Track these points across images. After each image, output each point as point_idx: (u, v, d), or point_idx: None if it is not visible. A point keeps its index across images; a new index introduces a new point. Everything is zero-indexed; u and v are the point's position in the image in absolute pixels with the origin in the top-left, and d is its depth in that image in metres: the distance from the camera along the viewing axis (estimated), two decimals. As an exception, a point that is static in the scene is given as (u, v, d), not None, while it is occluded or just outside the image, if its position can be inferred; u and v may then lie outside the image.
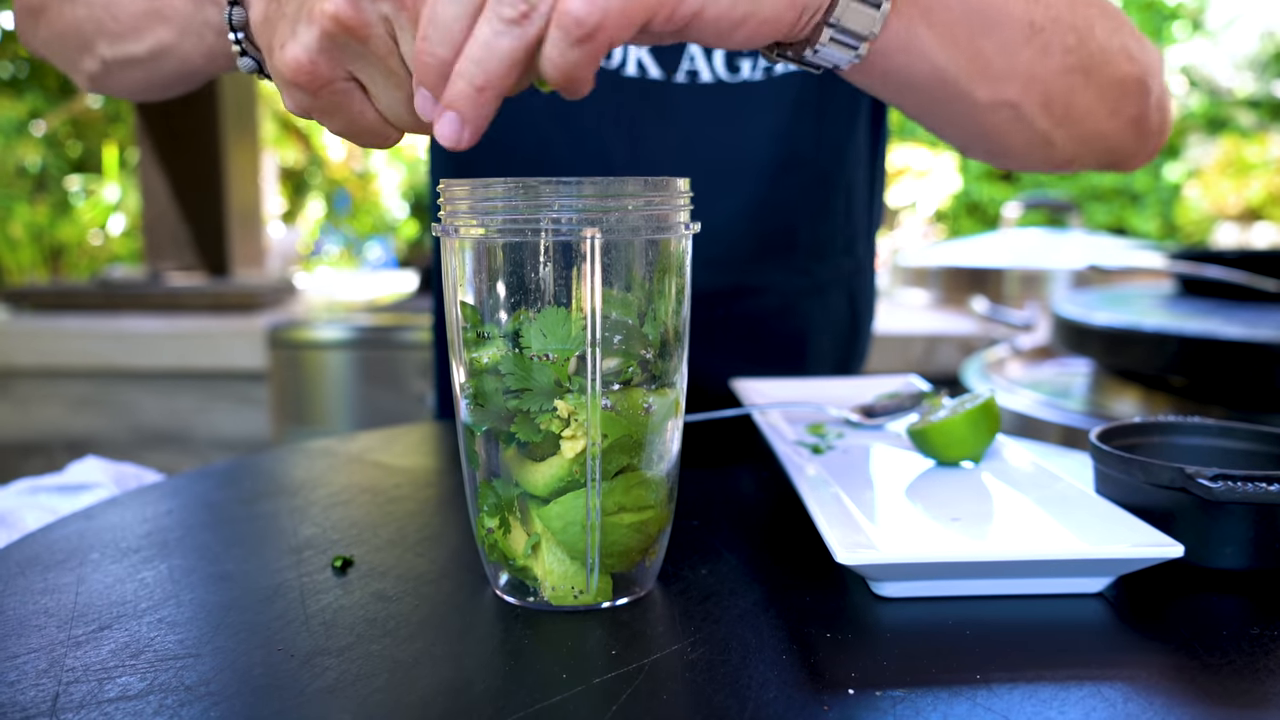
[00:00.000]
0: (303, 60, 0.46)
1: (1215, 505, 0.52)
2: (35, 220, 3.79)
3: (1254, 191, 4.65)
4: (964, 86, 0.61)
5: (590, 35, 0.42)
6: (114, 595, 0.52)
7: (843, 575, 0.54)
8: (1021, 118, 0.65)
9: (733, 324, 0.96)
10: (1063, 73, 0.64)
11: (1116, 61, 0.66)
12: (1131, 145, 0.72)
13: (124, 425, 2.19)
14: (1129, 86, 0.68)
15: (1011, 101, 0.63)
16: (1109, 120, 0.68)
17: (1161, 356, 1.25)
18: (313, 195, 5.23)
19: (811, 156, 0.94)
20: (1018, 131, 0.66)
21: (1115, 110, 0.68)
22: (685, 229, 0.49)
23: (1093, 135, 0.69)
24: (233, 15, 0.54)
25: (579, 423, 0.47)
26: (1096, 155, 0.72)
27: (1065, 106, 0.65)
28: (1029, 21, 0.61)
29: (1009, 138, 0.67)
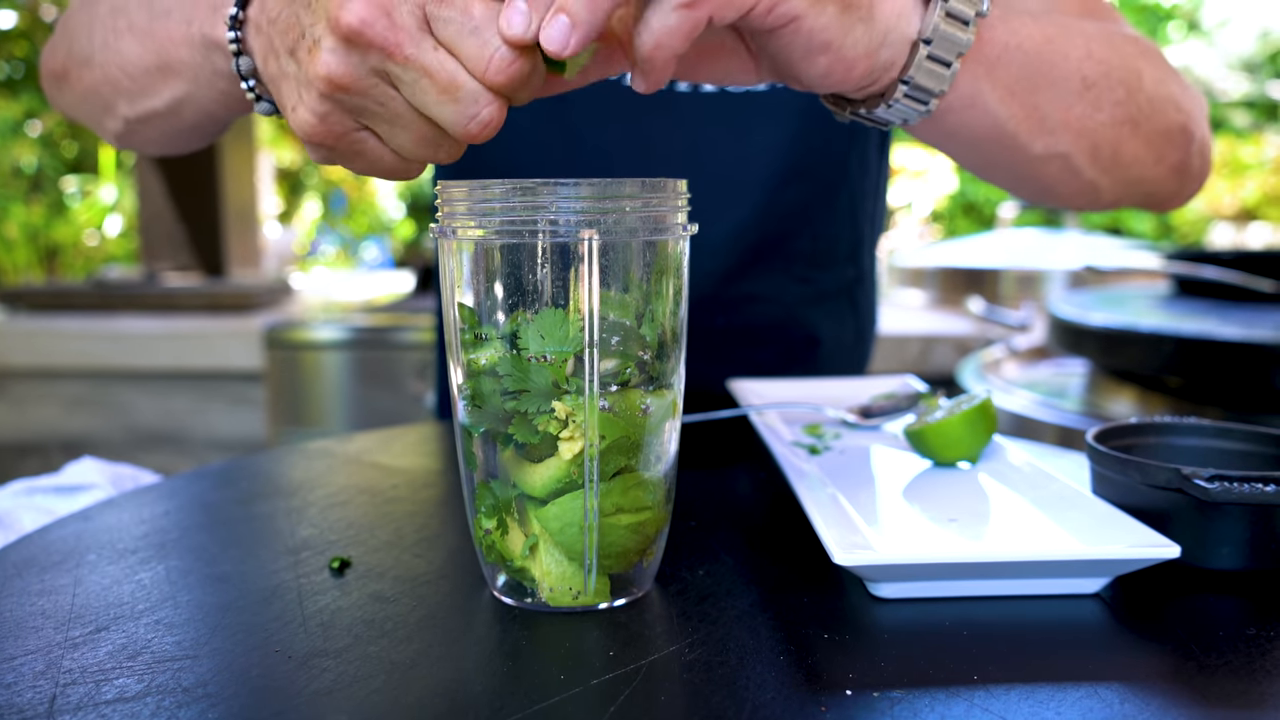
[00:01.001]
0: (313, 121, 0.48)
1: (1211, 506, 0.52)
2: (31, 221, 3.78)
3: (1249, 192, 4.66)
4: (1021, 140, 0.63)
5: (695, 2, 0.44)
6: (111, 597, 0.52)
7: (840, 576, 0.54)
8: (1071, 167, 0.66)
9: (733, 332, 0.96)
10: (1112, 125, 0.65)
11: (1163, 111, 0.68)
12: (1172, 189, 0.74)
13: (120, 426, 2.18)
14: (1174, 135, 0.70)
15: (1063, 153, 0.65)
16: (1154, 167, 0.70)
17: (1157, 357, 1.25)
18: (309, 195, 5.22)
19: (816, 165, 0.94)
20: (1067, 180, 0.68)
21: (1160, 158, 0.70)
22: (683, 230, 0.49)
23: (1136, 181, 0.71)
24: (240, 65, 0.55)
25: (577, 424, 0.47)
26: (1138, 198, 0.74)
27: (1113, 156, 0.67)
28: (1082, 77, 0.63)
29: (1059, 185, 0.69)
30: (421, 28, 0.44)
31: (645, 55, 0.46)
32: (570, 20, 0.44)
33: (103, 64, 0.70)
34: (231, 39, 0.55)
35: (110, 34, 0.68)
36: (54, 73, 0.77)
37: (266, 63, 0.52)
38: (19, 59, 4.04)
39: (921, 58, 0.53)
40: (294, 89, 0.48)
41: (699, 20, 0.45)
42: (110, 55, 0.69)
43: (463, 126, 0.46)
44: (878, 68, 0.53)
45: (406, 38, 0.44)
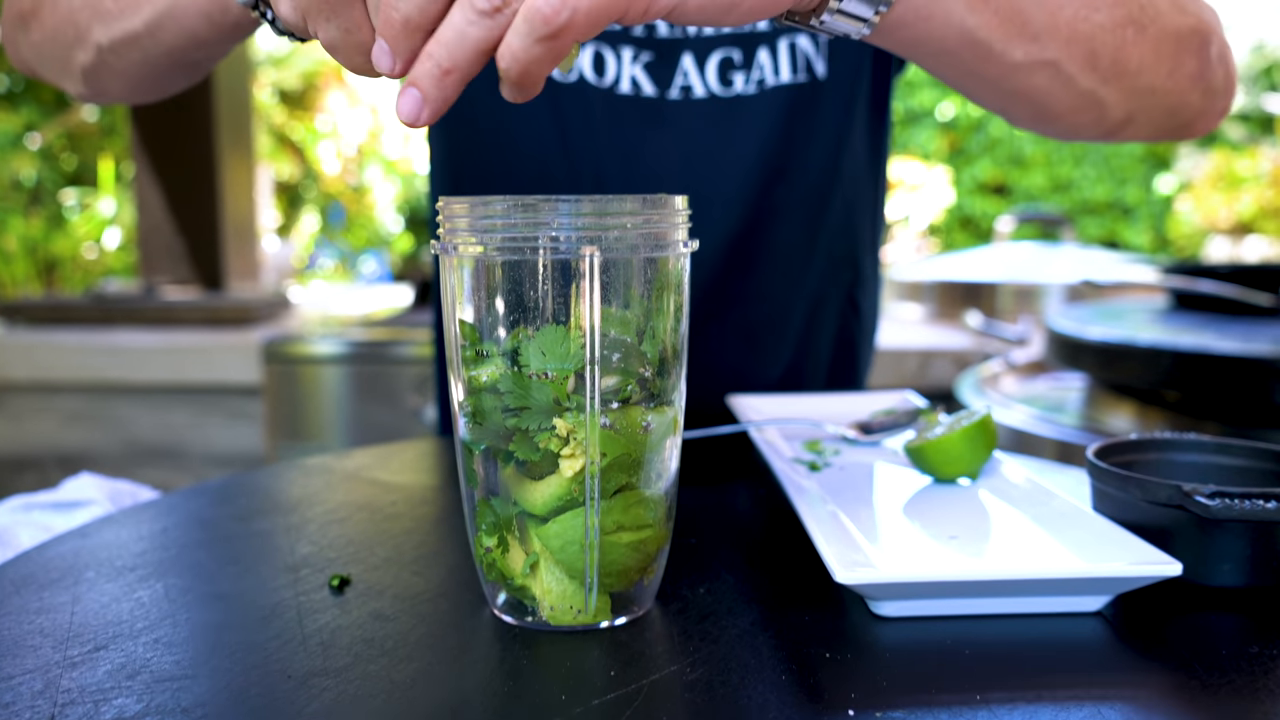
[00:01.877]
0: None
1: (1213, 523, 0.52)
2: (30, 234, 3.78)
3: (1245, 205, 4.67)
4: (997, 48, 0.59)
5: (556, 34, 0.43)
6: (110, 615, 0.52)
7: (841, 594, 0.54)
8: (1063, 76, 0.62)
9: (726, 333, 0.96)
10: (1111, 27, 0.61)
11: (1169, 14, 0.63)
12: (1196, 104, 0.68)
13: (117, 440, 2.18)
14: (1185, 39, 0.64)
15: (1051, 59, 0.60)
16: (1168, 78, 0.65)
17: (1156, 371, 1.25)
18: (307, 209, 5.23)
19: (807, 168, 0.94)
20: (1061, 92, 0.63)
21: (1175, 66, 0.64)
22: (683, 247, 0.49)
23: (1148, 92, 0.65)
24: None
25: (578, 441, 0.47)
26: (1156, 117, 0.68)
27: (1114, 62, 0.62)
28: None
29: (1051, 99, 0.64)
30: None
31: (513, 80, 0.45)
32: (420, 96, 0.44)
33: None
34: None
35: None
36: (21, 12, 0.75)
37: None
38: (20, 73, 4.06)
39: None
40: None
41: (560, 49, 0.44)
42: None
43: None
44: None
45: None
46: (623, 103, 0.89)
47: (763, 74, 0.90)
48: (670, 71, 0.89)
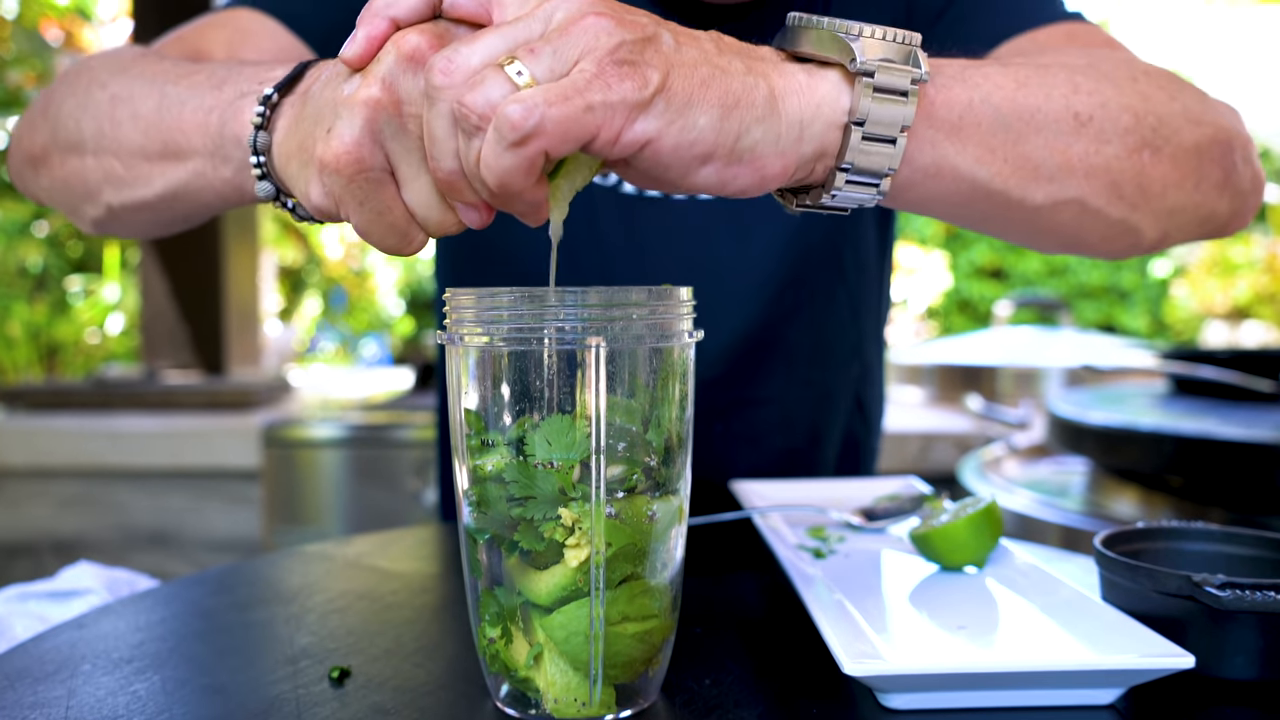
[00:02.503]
0: (347, 142, 0.47)
1: (1224, 614, 0.51)
2: (33, 319, 3.81)
3: (1241, 291, 4.71)
4: (1014, 195, 0.58)
5: (524, 140, 0.43)
6: (106, 709, 0.51)
7: (850, 686, 0.53)
8: (1090, 210, 0.61)
9: (732, 439, 0.96)
10: (1126, 155, 0.60)
11: (1184, 131, 0.63)
12: (1226, 209, 0.67)
13: (113, 525, 2.16)
14: (1206, 150, 0.64)
15: (1074, 198, 0.60)
16: (1195, 192, 0.64)
17: (1158, 456, 1.25)
18: (310, 293, 5.27)
19: (815, 265, 0.94)
20: (1091, 224, 0.63)
21: (1199, 179, 0.64)
22: (688, 336, 0.49)
23: (1178, 210, 0.64)
24: (257, 139, 0.55)
25: (583, 531, 0.46)
26: (1189, 229, 0.67)
27: (1138, 188, 0.61)
28: (1074, 114, 0.58)
29: (1083, 231, 0.63)
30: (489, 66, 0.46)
31: (495, 193, 0.46)
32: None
33: (95, 151, 0.68)
34: (258, 113, 0.55)
35: (107, 122, 0.67)
36: (31, 156, 0.75)
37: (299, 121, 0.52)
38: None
39: (856, 140, 0.50)
40: (331, 115, 0.48)
41: (535, 156, 0.44)
42: (106, 143, 0.67)
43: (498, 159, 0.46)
44: (804, 162, 0.51)
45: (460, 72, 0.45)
46: (628, 201, 0.89)
47: None
48: None
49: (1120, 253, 0.68)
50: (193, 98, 0.62)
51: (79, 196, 0.73)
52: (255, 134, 0.55)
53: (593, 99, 0.44)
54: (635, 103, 0.45)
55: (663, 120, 0.46)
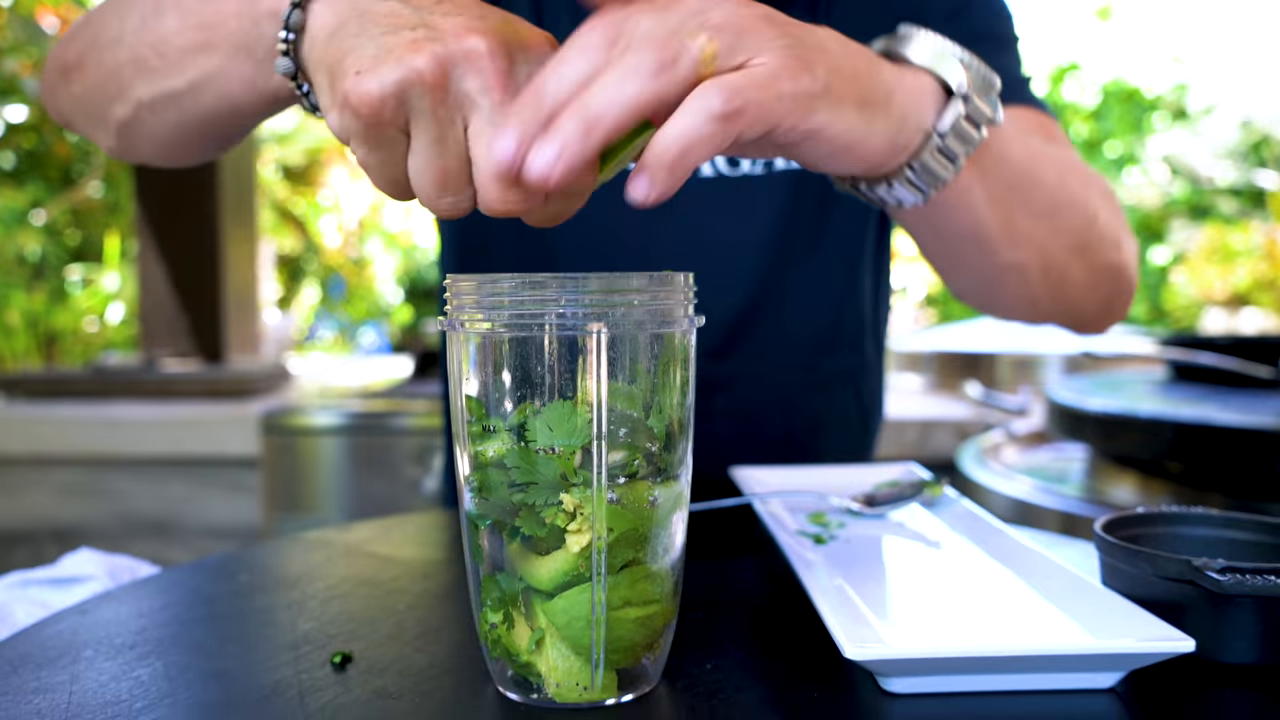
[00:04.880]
0: (374, 94, 0.47)
1: (1225, 598, 0.51)
2: (31, 308, 3.80)
3: (1240, 278, 4.71)
4: (993, 245, 0.66)
5: (732, 115, 0.45)
6: (108, 694, 0.51)
7: (850, 670, 0.53)
8: (1025, 280, 0.70)
9: (732, 415, 0.96)
10: (1066, 250, 0.69)
11: (1106, 250, 0.73)
12: (1096, 318, 0.79)
13: (113, 513, 2.16)
14: (1112, 272, 0.75)
15: (1023, 264, 0.68)
16: (1089, 295, 0.75)
17: (1157, 443, 1.25)
18: (308, 281, 5.26)
19: (813, 249, 0.95)
20: (1018, 291, 0.72)
21: (1095, 288, 0.75)
22: (689, 323, 0.49)
23: (1071, 303, 0.75)
24: (291, 16, 0.54)
25: (584, 516, 0.47)
26: (1066, 319, 0.79)
27: (1060, 278, 0.71)
28: (1052, 201, 0.67)
29: (1008, 295, 0.73)
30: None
31: (667, 163, 0.45)
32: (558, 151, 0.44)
33: (133, 43, 0.69)
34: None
35: (150, 14, 0.68)
36: (65, 65, 0.76)
37: (342, 27, 0.51)
38: (26, 150, 4.11)
39: (932, 148, 0.55)
40: (369, 59, 0.48)
41: (731, 135, 0.46)
42: (144, 33, 0.68)
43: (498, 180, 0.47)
44: (895, 152, 0.54)
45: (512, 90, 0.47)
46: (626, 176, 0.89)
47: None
48: None
49: (1016, 318, 0.79)
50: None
51: (109, 96, 0.73)
52: (290, 11, 0.54)
53: (784, 89, 0.47)
54: (814, 94, 0.48)
55: (829, 114, 0.49)
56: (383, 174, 0.51)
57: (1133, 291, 0.79)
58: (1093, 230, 0.71)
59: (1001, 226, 0.64)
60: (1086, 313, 0.78)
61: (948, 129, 0.54)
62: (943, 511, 0.78)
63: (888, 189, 0.57)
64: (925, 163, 0.55)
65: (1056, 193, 0.67)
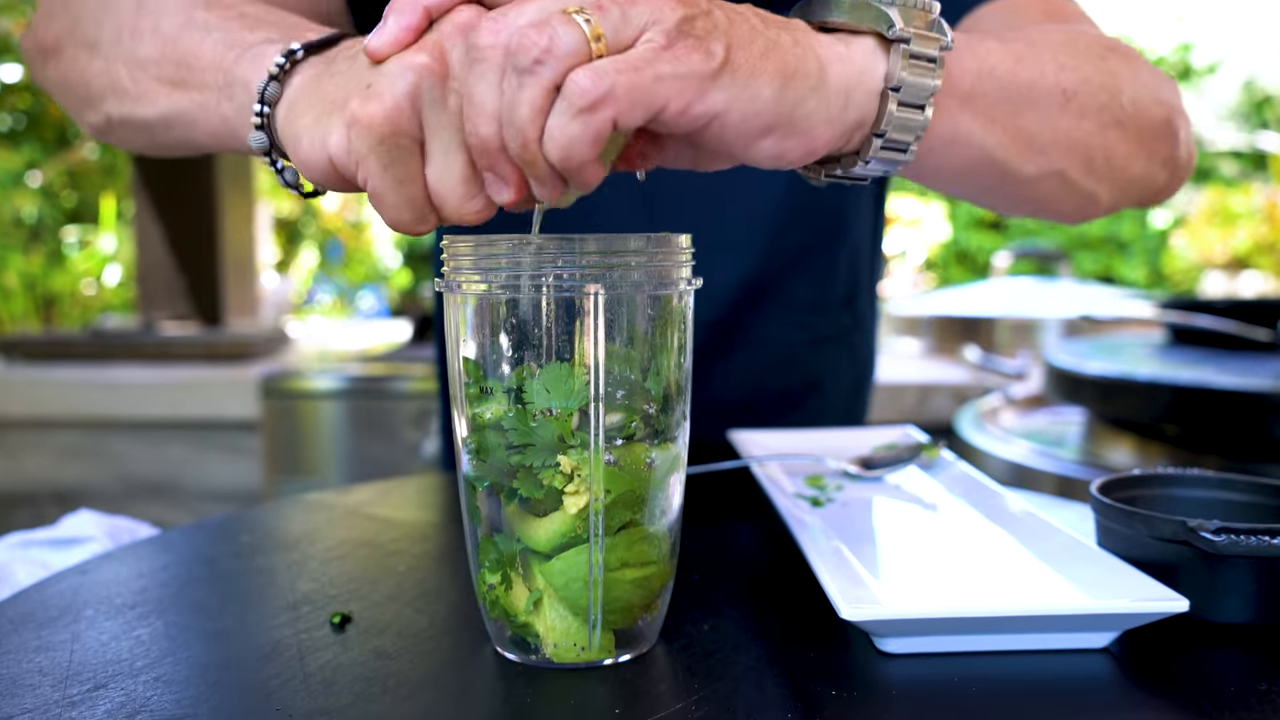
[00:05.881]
0: (387, 103, 0.45)
1: (1219, 559, 0.52)
2: (29, 270, 3.79)
3: (1240, 240, 4.70)
4: (1013, 165, 0.61)
5: (594, 106, 0.43)
6: (109, 653, 0.51)
7: (846, 631, 0.53)
8: (1067, 182, 0.65)
9: (731, 377, 0.96)
10: (1100, 131, 0.64)
11: (1147, 108, 0.67)
12: (1164, 181, 0.73)
13: (114, 476, 2.17)
14: (1160, 129, 0.68)
15: (1058, 170, 0.63)
16: (1146, 164, 0.69)
17: (1155, 406, 1.25)
18: (306, 244, 5.24)
19: (815, 212, 0.95)
20: (1066, 195, 0.67)
21: (1152, 154, 0.69)
22: (687, 284, 0.49)
23: (1131, 181, 0.69)
24: (268, 88, 0.53)
25: (582, 478, 0.47)
26: (1134, 197, 0.73)
27: (1107, 162, 0.66)
28: (1061, 89, 0.61)
29: (1058, 202, 0.67)
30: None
31: (556, 165, 0.45)
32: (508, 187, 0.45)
33: (108, 57, 0.66)
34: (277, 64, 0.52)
35: (128, 31, 0.65)
36: (43, 46, 0.73)
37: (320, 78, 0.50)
38: (21, 111, 4.08)
39: (893, 108, 0.51)
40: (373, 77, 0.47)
41: (602, 126, 0.43)
42: (121, 51, 0.65)
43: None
44: (845, 129, 0.51)
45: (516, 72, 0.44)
46: None
47: None
48: None
49: (1078, 219, 0.73)
50: (220, 29, 0.59)
51: (82, 99, 0.71)
52: (268, 82, 0.53)
53: (663, 70, 0.44)
54: (704, 74, 0.45)
55: (729, 93, 0.46)
56: (401, 194, 0.48)
57: (1190, 135, 0.73)
58: (1121, 99, 0.65)
59: (1013, 143, 0.60)
60: (1152, 183, 0.72)
61: (899, 80, 0.51)
62: (940, 474, 0.78)
63: (865, 165, 0.54)
64: (888, 130, 0.52)
65: (1063, 77, 0.62)
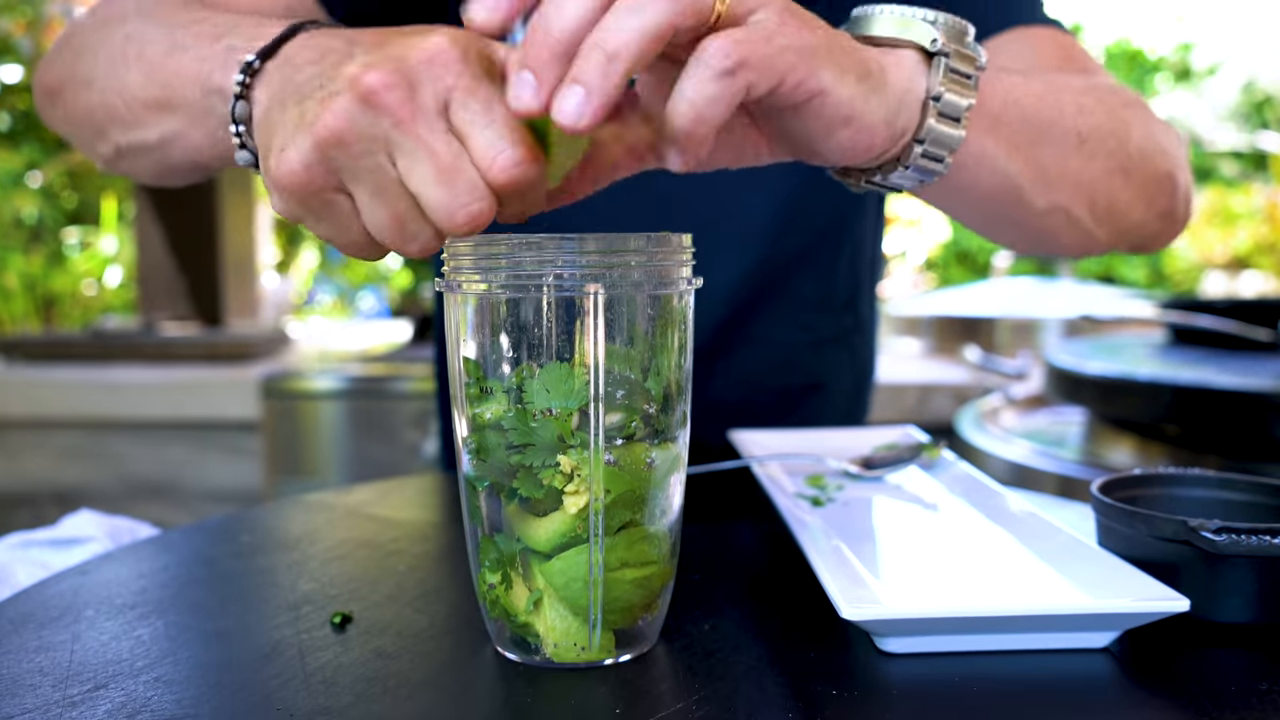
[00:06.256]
0: (296, 167, 0.45)
1: (1219, 558, 0.52)
2: (29, 270, 3.79)
3: (1240, 241, 4.69)
4: (1027, 195, 0.64)
5: (734, 69, 0.44)
6: (109, 653, 0.51)
7: (847, 630, 0.53)
8: (1072, 219, 0.68)
9: (731, 376, 0.96)
10: (1105, 176, 0.67)
11: (1152, 160, 0.70)
12: (1159, 232, 0.76)
13: (114, 476, 2.17)
14: (1162, 182, 0.72)
15: (1063, 206, 0.66)
16: (1144, 213, 0.72)
17: (1156, 406, 1.25)
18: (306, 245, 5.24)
19: (818, 213, 0.95)
20: (1068, 231, 0.69)
21: (1150, 204, 0.72)
22: (687, 284, 0.49)
23: (1129, 229, 0.73)
24: (236, 108, 0.54)
25: (582, 478, 0.47)
26: (1129, 244, 0.76)
27: (1108, 206, 0.69)
28: (1076, 131, 0.64)
29: (1060, 238, 0.70)
30: (439, 110, 0.44)
31: (685, 129, 0.45)
32: (585, 90, 0.42)
33: (104, 89, 0.68)
34: (239, 82, 0.53)
35: (119, 61, 0.66)
36: (49, 88, 0.76)
37: (269, 110, 0.50)
38: (21, 111, 4.08)
39: (932, 120, 0.54)
40: (289, 133, 0.46)
41: (739, 89, 0.45)
42: (113, 82, 0.67)
43: (450, 213, 0.44)
44: (895, 134, 0.53)
45: (420, 113, 0.43)
46: None
47: None
48: None
49: (1078, 255, 0.76)
50: (195, 46, 0.60)
51: (90, 133, 0.73)
52: (235, 103, 0.53)
53: (786, 43, 0.46)
54: (817, 51, 0.47)
55: (832, 73, 0.48)
56: (345, 239, 0.48)
57: (1190, 191, 0.76)
58: (1128, 148, 0.68)
59: (1029, 174, 0.63)
60: (1148, 232, 0.75)
61: (940, 89, 0.53)
62: (940, 474, 0.78)
63: (904, 171, 0.56)
64: (929, 135, 0.54)
65: (1080, 121, 0.65)
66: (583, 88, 0.42)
